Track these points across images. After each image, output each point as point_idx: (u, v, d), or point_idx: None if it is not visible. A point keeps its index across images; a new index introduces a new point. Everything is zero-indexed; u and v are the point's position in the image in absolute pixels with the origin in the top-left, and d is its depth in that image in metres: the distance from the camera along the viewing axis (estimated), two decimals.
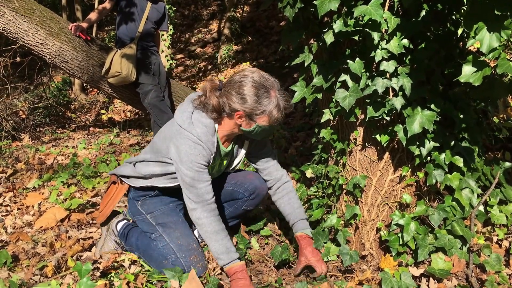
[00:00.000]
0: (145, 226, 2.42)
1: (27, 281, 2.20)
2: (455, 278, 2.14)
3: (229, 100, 2.11)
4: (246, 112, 2.10)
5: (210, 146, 2.17)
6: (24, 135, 5.64)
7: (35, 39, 4.83)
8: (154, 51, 5.01)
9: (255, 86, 2.08)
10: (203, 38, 12.48)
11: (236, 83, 2.10)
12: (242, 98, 2.08)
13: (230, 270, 2.12)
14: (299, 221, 2.40)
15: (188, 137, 2.13)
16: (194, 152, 2.13)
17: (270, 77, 2.14)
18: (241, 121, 2.15)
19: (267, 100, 2.09)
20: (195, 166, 2.14)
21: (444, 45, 2.19)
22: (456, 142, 2.26)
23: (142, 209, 2.43)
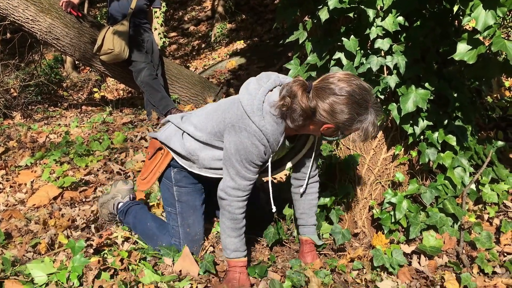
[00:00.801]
0: (167, 194, 2.29)
1: (20, 258, 2.21)
2: (446, 255, 2.17)
3: (319, 109, 1.80)
4: (339, 126, 1.82)
5: (275, 146, 1.97)
6: (16, 113, 5.59)
7: (26, 15, 4.75)
8: (147, 28, 4.95)
9: (355, 101, 1.76)
10: (196, 16, 12.34)
11: (335, 95, 1.77)
12: (339, 113, 1.78)
13: (231, 262, 2.07)
14: (311, 226, 2.30)
15: (255, 134, 1.89)
16: (255, 152, 1.92)
17: (365, 84, 1.80)
18: (328, 131, 1.87)
19: (364, 117, 1.80)
20: (247, 164, 1.95)
21: (439, 23, 2.17)
22: (449, 121, 2.26)
23: (173, 177, 2.25)
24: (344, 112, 1.76)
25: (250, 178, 1.99)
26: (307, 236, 2.28)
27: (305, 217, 2.29)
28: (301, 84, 1.82)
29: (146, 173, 2.30)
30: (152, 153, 2.30)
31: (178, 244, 2.25)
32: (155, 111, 4.83)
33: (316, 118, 1.81)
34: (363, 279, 2.08)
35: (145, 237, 2.35)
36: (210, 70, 7.79)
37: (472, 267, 2.07)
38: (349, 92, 1.75)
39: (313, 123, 1.86)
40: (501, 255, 2.16)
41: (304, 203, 2.28)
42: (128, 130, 4.65)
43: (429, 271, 2.08)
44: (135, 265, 2.08)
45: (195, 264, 2.10)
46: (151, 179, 2.27)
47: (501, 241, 2.21)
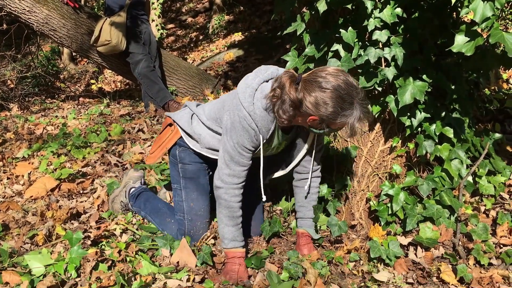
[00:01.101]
0: (174, 171, 2.37)
1: (17, 249, 2.21)
2: (442, 246, 2.18)
3: (306, 101, 1.84)
4: (323, 119, 1.86)
5: (265, 132, 2.01)
6: (13, 104, 5.57)
7: (22, 6, 4.72)
8: (144, 19, 4.93)
9: (340, 95, 1.80)
10: (194, 8, 12.28)
11: (321, 88, 1.82)
12: (323, 106, 1.82)
13: (229, 253, 2.08)
14: (308, 219, 2.33)
15: (245, 118, 1.95)
16: (245, 136, 1.98)
17: (354, 82, 1.85)
18: (313, 123, 1.92)
19: (349, 112, 1.83)
20: (240, 148, 2.00)
21: (437, 15, 2.17)
22: (447, 113, 2.26)
23: (179, 155, 2.33)
24: (328, 105, 1.80)
25: (244, 163, 2.04)
26: (304, 228, 2.30)
27: (303, 210, 2.32)
28: (290, 76, 1.88)
29: (154, 148, 2.43)
30: (163, 129, 2.43)
31: (182, 219, 2.30)
32: (153, 103, 4.82)
33: (302, 109, 1.86)
34: (360, 271, 2.09)
35: (153, 214, 2.43)
36: (208, 62, 7.77)
37: (468, 258, 2.08)
38: (334, 86, 1.79)
39: (301, 114, 1.90)
40: (497, 246, 2.17)
41: (304, 196, 2.30)
42: (126, 122, 4.64)
43: (425, 263, 2.10)
44: (133, 257, 2.08)
45: (193, 256, 2.10)
46: (158, 153, 2.39)
47: (497, 233, 2.22)
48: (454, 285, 1.94)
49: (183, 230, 2.28)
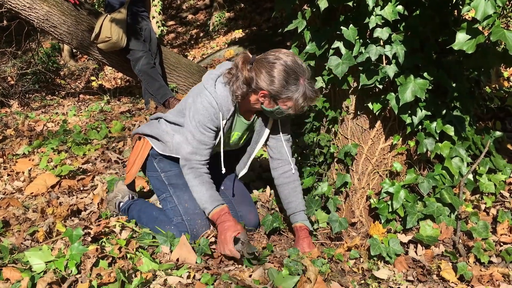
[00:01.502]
0: (157, 183, 2.44)
1: (18, 246, 2.21)
2: (443, 244, 2.18)
3: (257, 77, 2.08)
4: (271, 93, 2.08)
5: (225, 111, 2.19)
6: (13, 101, 5.57)
7: (22, 3, 4.72)
8: (144, 16, 4.92)
9: (286, 70, 2.05)
10: (195, 5, 12.27)
11: (269, 63, 2.07)
12: (270, 79, 2.06)
13: (214, 215, 2.18)
14: (300, 212, 2.35)
15: (206, 97, 2.16)
16: (205, 114, 2.15)
17: (303, 64, 2.10)
18: (264, 100, 2.14)
19: (295, 87, 2.07)
20: (201, 127, 2.17)
21: (439, 12, 2.16)
22: (447, 111, 2.26)
23: (158, 166, 2.43)
24: (275, 78, 2.05)
25: (205, 142, 2.20)
26: (300, 222, 2.32)
27: (293, 205, 2.37)
28: (244, 56, 2.16)
29: (129, 166, 2.52)
30: (133, 145, 2.54)
31: (181, 222, 2.29)
32: (153, 100, 4.82)
33: (253, 85, 2.10)
34: (360, 268, 2.09)
35: (151, 225, 2.35)
36: (208, 59, 7.76)
37: (469, 256, 2.08)
38: (282, 63, 2.05)
39: (253, 91, 2.13)
40: (497, 244, 2.18)
41: (289, 193, 2.39)
42: (126, 119, 4.64)
43: (425, 260, 2.10)
44: (133, 253, 2.08)
45: (193, 253, 2.10)
46: (134, 169, 2.48)
47: (498, 231, 2.22)
48: (454, 283, 1.94)
49: (186, 231, 2.26)
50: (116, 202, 2.59)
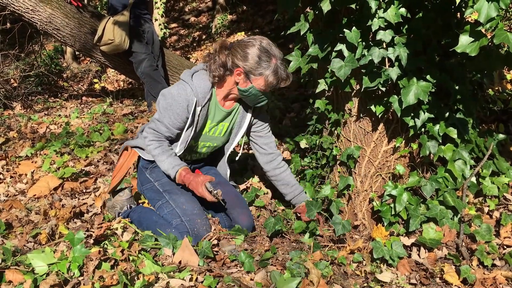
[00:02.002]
0: (153, 193, 2.48)
1: (21, 248, 2.21)
2: (446, 247, 2.17)
3: (233, 56, 2.26)
4: (245, 69, 2.24)
5: (201, 98, 2.30)
6: (16, 103, 5.58)
7: (26, 5, 4.73)
8: (147, 19, 4.93)
9: (259, 49, 2.23)
10: (197, 7, 12.29)
11: (244, 43, 2.27)
12: (245, 56, 2.23)
13: (178, 178, 2.36)
14: (302, 193, 2.56)
15: (183, 85, 2.30)
16: (179, 100, 2.26)
17: (276, 48, 2.28)
18: (239, 78, 2.28)
19: (267, 64, 2.23)
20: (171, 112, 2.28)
21: (441, 15, 2.16)
22: (450, 113, 2.25)
23: (150, 176, 2.50)
24: (249, 54, 2.22)
25: (168, 126, 2.33)
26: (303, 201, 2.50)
27: (293, 189, 2.55)
28: (222, 42, 2.34)
29: (114, 174, 2.62)
30: (119, 156, 2.64)
31: (180, 223, 2.30)
32: (156, 102, 4.82)
33: (229, 66, 2.26)
34: (363, 271, 2.08)
35: (153, 229, 2.36)
36: None
37: (472, 259, 2.07)
38: (256, 41, 2.24)
39: (230, 72, 2.28)
40: (501, 247, 2.17)
41: (287, 179, 2.57)
42: (129, 121, 4.64)
43: (428, 263, 2.09)
44: (135, 256, 2.08)
45: (195, 255, 2.10)
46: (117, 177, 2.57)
47: (501, 234, 2.22)
48: (457, 286, 1.93)
49: (186, 232, 2.27)
50: (115, 213, 2.60)
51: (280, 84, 2.30)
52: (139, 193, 2.81)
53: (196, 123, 2.34)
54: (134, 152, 2.53)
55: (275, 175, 2.58)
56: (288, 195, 2.57)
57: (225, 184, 2.59)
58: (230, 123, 2.50)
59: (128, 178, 3.05)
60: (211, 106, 2.38)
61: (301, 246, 2.34)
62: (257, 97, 2.33)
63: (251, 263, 2.08)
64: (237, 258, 2.13)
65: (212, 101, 2.38)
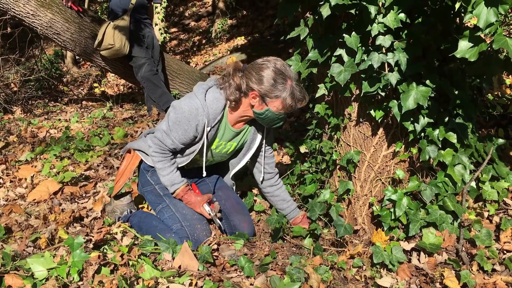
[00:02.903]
0: (153, 197, 2.48)
1: (20, 253, 2.21)
2: (446, 252, 2.17)
3: (248, 79, 2.22)
4: (261, 92, 2.20)
5: (212, 119, 2.26)
6: (16, 107, 5.59)
7: (26, 10, 4.74)
8: (147, 23, 4.94)
9: (274, 71, 2.19)
10: (197, 12, 12.32)
11: (258, 65, 2.22)
12: (260, 79, 2.19)
13: (177, 195, 2.40)
14: (296, 208, 2.60)
15: (194, 102, 2.24)
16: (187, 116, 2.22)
17: (291, 69, 2.27)
18: (255, 101, 2.24)
19: (282, 86, 2.19)
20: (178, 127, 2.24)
21: (441, 20, 2.17)
22: (450, 118, 2.26)
23: (151, 179, 2.49)
24: (264, 78, 2.18)
25: (174, 140, 2.29)
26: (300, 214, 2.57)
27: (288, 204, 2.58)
28: (235, 64, 2.30)
29: (117, 178, 2.59)
30: (122, 159, 2.62)
31: (180, 228, 2.31)
32: (156, 106, 4.83)
33: (244, 88, 2.22)
34: (363, 276, 2.08)
35: (153, 234, 2.36)
36: (210, 66, 7.78)
37: (472, 264, 2.07)
38: (270, 63, 2.21)
39: (244, 95, 2.25)
40: (501, 252, 2.17)
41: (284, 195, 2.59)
42: (129, 125, 4.65)
43: (428, 268, 2.09)
44: (135, 260, 2.08)
45: (195, 260, 2.10)
46: (121, 180, 2.55)
47: (501, 238, 2.21)
48: None
49: (186, 237, 2.27)
50: (115, 217, 2.60)
51: (297, 106, 2.26)
52: (139, 198, 2.81)
53: (203, 141, 2.32)
54: (137, 155, 2.52)
55: (272, 192, 2.60)
56: (284, 210, 2.58)
57: (226, 189, 2.59)
58: (239, 143, 2.48)
59: (128, 183, 3.05)
60: (221, 126, 2.36)
61: (301, 251, 2.33)
62: (274, 119, 2.30)
63: (251, 267, 2.08)
64: (237, 262, 2.13)
65: (223, 121, 2.35)
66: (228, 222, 2.43)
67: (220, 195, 2.55)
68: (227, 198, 2.51)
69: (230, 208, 2.46)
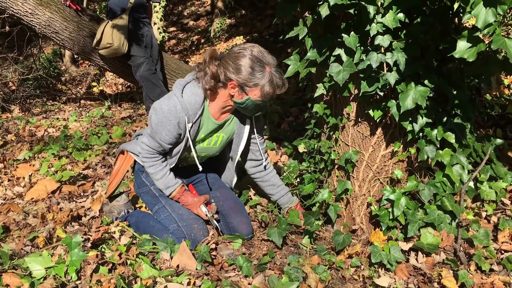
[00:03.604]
0: (149, 198, 2.48)
1: (18, 252, 2.21)
2: (444, 252, 2.17)
3: (225, 69, 2.17)
4: (239, 82, 2.16)
5: (191, 115, 2.24)
6: (14, 106, 5.58)
7: (25, 9, 4.74)
8: (146, 22, 4.94)
9: (251, 59, 2.14)
10: (196, 11, 12.31)
11: (235, 54, 2.17)
12: (237, 68, 2.15)
13: (174, 198, 2.40)
14: (287, 194, 2.60)
15: (172, 100, 2.21)
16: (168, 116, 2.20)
17: (268, 55, 2.20)
18: (234, 91, 2.21)
19: (261, 74, 2.15)
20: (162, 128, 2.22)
21: (439, 20, 2.17)
22: (448, 118, 2.26)
23: (146, 180, 2.49)
24: (242, 66, 2.14)
25: (160, 142, 2.27)
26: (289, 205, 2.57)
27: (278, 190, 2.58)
28: (212, 52, 2.25)
29: (111, 179, 2.60)
30: (116, 160, 2.63)
31: (177, 228, 2.31)
32: None
33: (222, 78, 2.19)
34: (361, 276, 2.08)
35: (151, 234, 2.35)
36: None
37: (470, 264, 2.07)
38: (247, 51, 2.15)
39: (223, 85, 2.21)
40: (499, 252, 2.17)
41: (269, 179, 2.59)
42: (127, 124, 4.64)
43: (426, 268, 2.09)
44: (133, 260, 2.08)
45: (193, 259, 2.10)
46: (114, 181, 2.55)
47: (499, 238, 2.22)
48: None
49: (183, 237, 2.27)
50: (113, 217, 2.60)
51: (276, 92, 2.24)
52: (136, 198, 2.81)
53: (187, 138, 2.30)
54: (130, 156, 2.53)
55: (261, 177, 2.60)
56: (274, 195, 2.59)
57: (224, 188, 2.59)
58: (226, 134, 2.46)
59: (126, 182, 3.05)
60: (203, 120, 2.33)
61: (299, 251, 2.33)
62: (255, 107, 2.27)
63: (249, 267, 2.08)
64: (235, 262, 2.13)
65: (204, 115, 2.32)
66: (226, 223, 2.42)
67: (218, 196, 2.53)
68: (225, 199, 2.50)
69: (228, 209, 2.45)
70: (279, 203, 2.58)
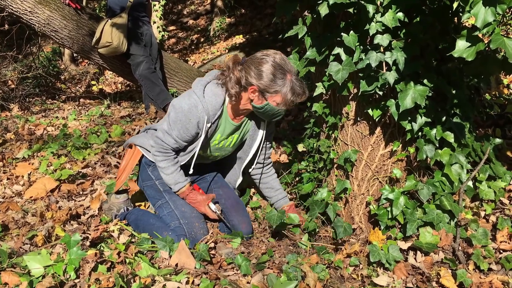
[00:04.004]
0: (153, 192, 2.48)
1: (17, 250, 2.20)
2: (442, 251, 2.17)
3: (247, 73, 2.19)
4: (260, 88, 2.18)
5: (211, 115, 2.26)
6: (14, 105, 5.58)
7: (24, 7, 4.73)
8: (145, 21, 4.93)
9: (274, 65, 2.16)
10: (195, 10, 12.30)
11: (257, 59, 2.19)
12: (259, 74, 2.16)
13: (181, 194, 2.41)
14: (285, 198, 2.63)
15: (193, 99, 2.23)
16: (188, 114, 2.21)
17: (290, 63, 2.23)
18: (254, 96, 2.22)
19: (282, 82, 2.17)
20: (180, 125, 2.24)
21: (439, 19, 2.17)
22: (447, 117, 2.26)
23: (152, 174, 2.48)
24: (263, 73, 2.15)
25: (176, 139, 2.29)
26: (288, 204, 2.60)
27: (276, 193, 2.61)
28: (234, 58, 2.29)
29: (119, 173, 2.59)
30: (124, 154, 2.62)
31: (178, 226, 2.31)
32: (153, 104, 4.82)
33: (243, 82, 2.20)
34: (359, 275, 2.08)
35: (150, 232, 2.35)
36: (208, 64, 7.77)
37: (468, 263, 2.08)
38: (269, 58, 2.17)
39: (244, 89, 2.22)
40: (497, 252, 2.17)
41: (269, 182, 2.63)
42: (126, 123, 4.64)
43: (425, 267, 2.09)
44: (132, 258, 2.08)
45: (192, 258, 2.10)
46: (123, 176, 2.54)
47: (497, 238, 2.22)
48: None
49: (184, 235, 2.27)
50: (112, 215, 2.60)
51: (297, 100, 2.24)
52: (136, 196, 2.81)
53: (204, 137, 2.31)
54: (138, 150, 2.51)
55: (261, 179, 2.63)
56: (272, 198, 2.62)
57: (226, 187, 2.59)
58: (240, 135, 2.48)
59: (125, 182, 3.05)
60: (221, 120, 2.35)
61: (298, 250, 2.34)
62: (273, 113, 2.28)
63: (247, 266, 2.08)
64: (234, 261, 2.13)
65: (223, 116, 2.35)
66: (227, 221, 2.42)
67: (220, 194, 2.54)
68: (227, 197, 2.51)
69: (230, 207, 2.46)
70: (275, 206, 2.61)
